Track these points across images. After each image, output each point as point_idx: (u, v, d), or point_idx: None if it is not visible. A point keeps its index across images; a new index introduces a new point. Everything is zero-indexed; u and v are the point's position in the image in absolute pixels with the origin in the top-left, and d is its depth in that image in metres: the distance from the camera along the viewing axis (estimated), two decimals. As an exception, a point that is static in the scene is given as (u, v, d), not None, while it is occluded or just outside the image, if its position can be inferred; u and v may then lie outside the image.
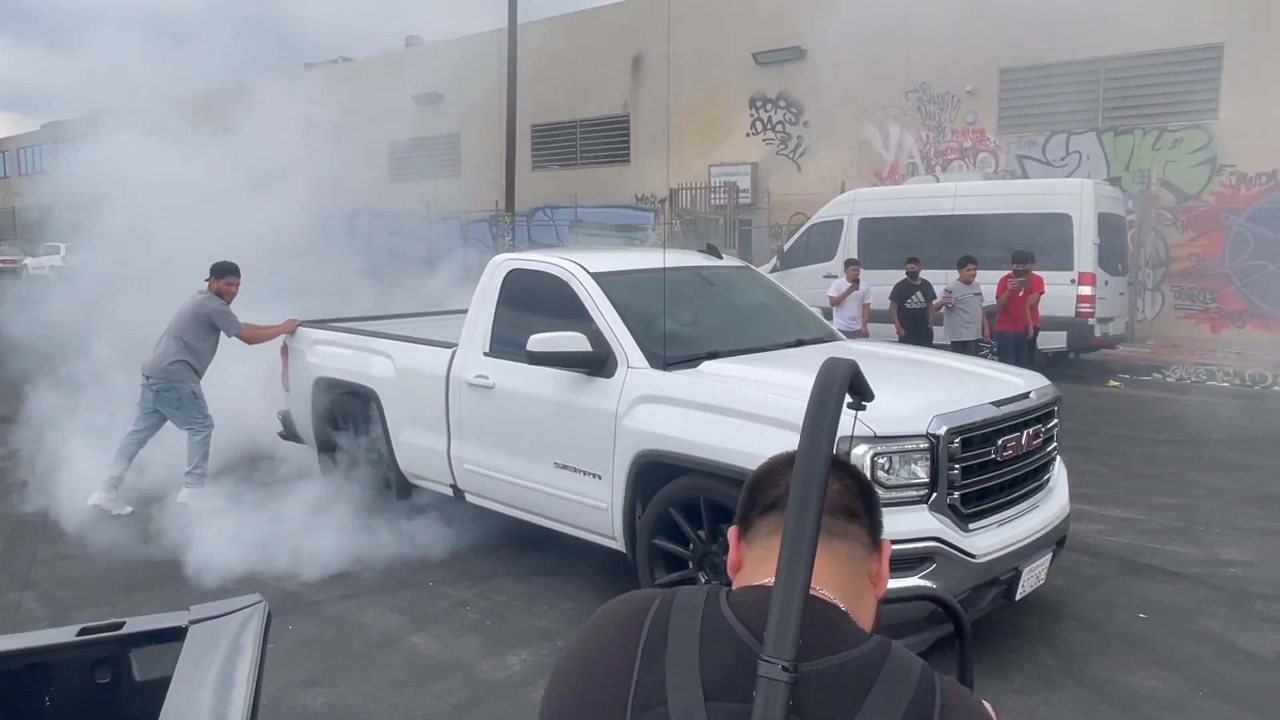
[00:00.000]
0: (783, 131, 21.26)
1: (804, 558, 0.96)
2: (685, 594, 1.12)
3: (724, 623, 1.05)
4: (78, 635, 1.75)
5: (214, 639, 1.67)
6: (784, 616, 0.94)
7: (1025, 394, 4.60)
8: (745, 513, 1.23)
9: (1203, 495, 7.26)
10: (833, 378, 1.09)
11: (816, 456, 1.02)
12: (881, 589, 1.21)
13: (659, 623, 1.07)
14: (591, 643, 1.13)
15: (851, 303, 11.57)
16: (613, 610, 1.16)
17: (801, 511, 0.99)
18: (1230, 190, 15.77)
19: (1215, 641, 4.71)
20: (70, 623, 4.79)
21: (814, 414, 1.06)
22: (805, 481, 1.00)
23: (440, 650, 4.61)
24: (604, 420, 4.83)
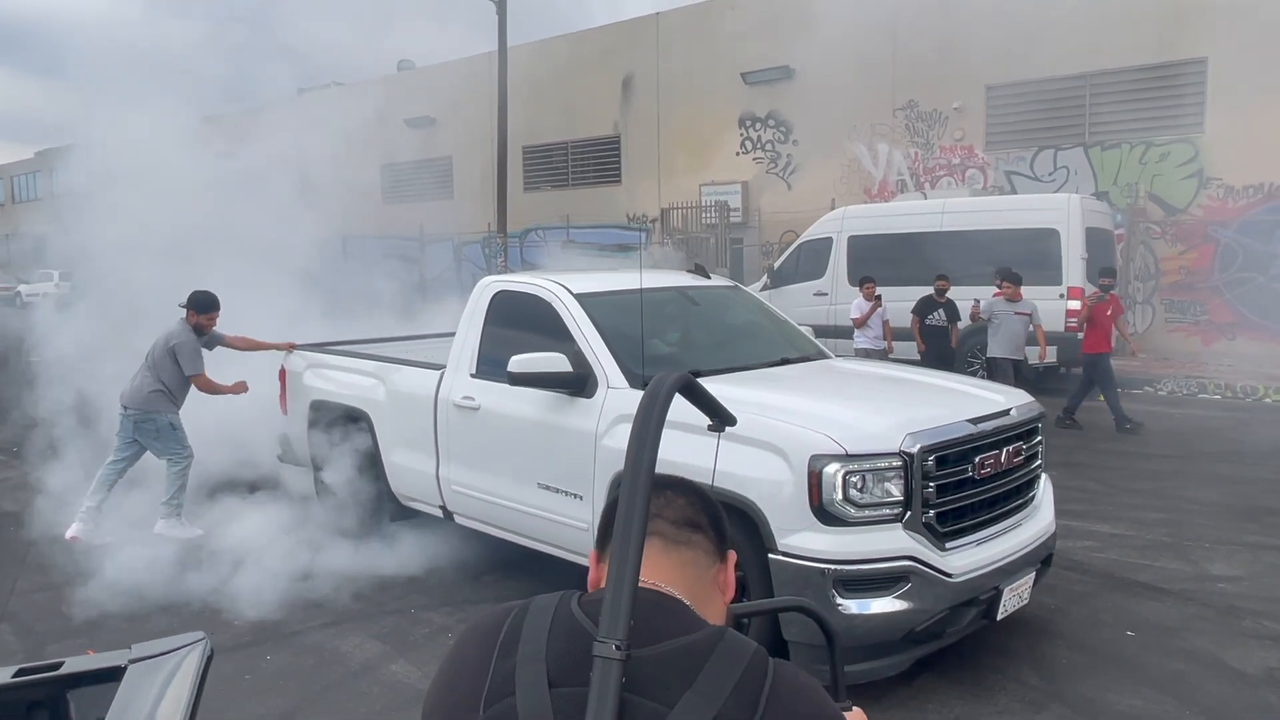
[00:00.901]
0: (772, 150, 21.34)
1: (633, 546, 1.03)
2: (539, 599, 1.20)
3: (571, 617, 1.13)
4: (14, 676, 1.71)
5: (149, 678, 1.63)
6: (615, 600, 1.00)
7: (1005, 411, 4.56)
8: (602, 535, 1.30)
9: (1193, 510, 7.23)
10: (658, 390, 1.16)
11: (641, 460, 1.10)
12: (729, 596, 1.31)
13: (515, 625, 1.16)
14: (457, 650, 1.22)
15: (875, 321, 11.33)
16: (477, 621, 1.25)
17: (629, 509, 1.06)
18: (1218, 203, 15.83)
19: (1203, 659, 4.66)
20: (44, 656, 4.75)
21: (639, 424, 1.13)
22: (632, 482, 1.08)
23: (420, 679, 4.55)
24: (584, 440, 4.80)
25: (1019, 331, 10.19)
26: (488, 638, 1.17)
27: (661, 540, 1.25)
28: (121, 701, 1.57)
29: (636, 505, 1.07)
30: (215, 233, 10.46)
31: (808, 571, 3.92)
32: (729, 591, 1.31)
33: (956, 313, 11.17)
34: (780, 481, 4.01)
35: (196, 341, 6.76)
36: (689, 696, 1.04)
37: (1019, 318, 10.24)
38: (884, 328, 11.34)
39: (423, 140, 26.98)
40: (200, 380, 6.72)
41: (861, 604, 3.91)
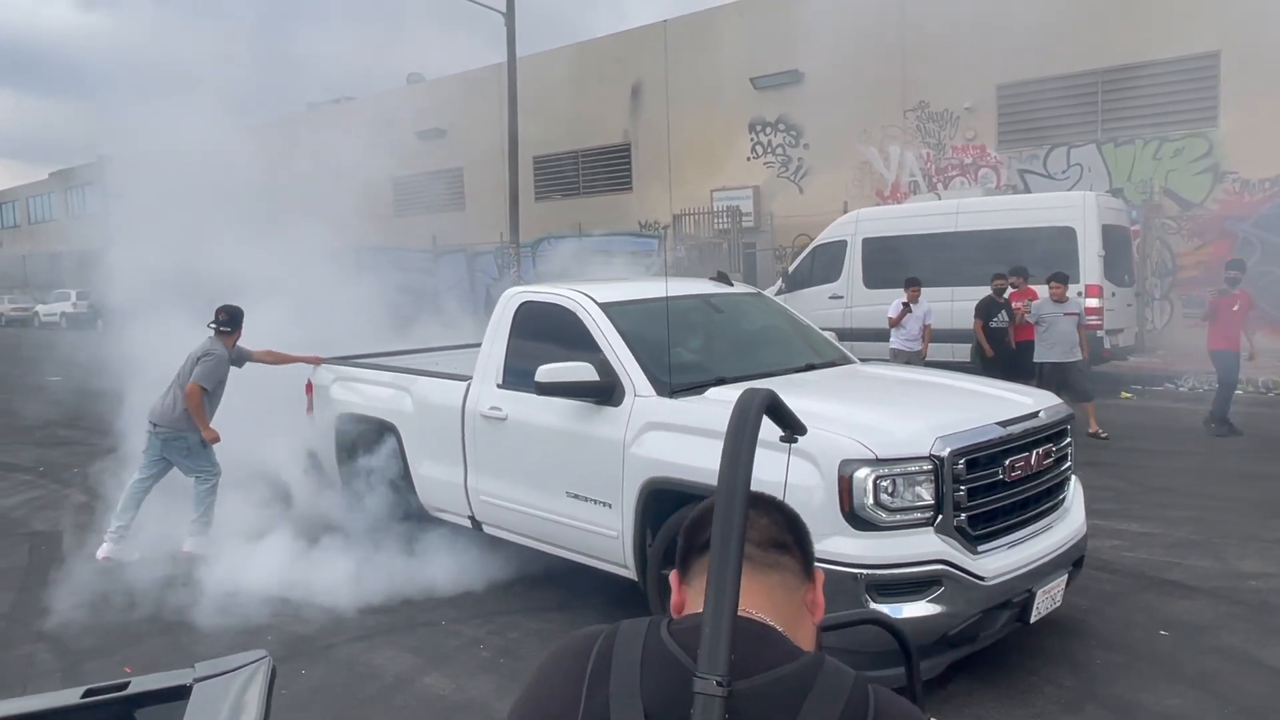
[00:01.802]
0: (783, 154, 21.36)
1: (730, 575, 1.00)
2: (627, 625, 1.16)
3: (663, 648, 1.09)
4: (83, 697, 1.73)
5: (218, 698, 1.66)
6: (714, 634, 0.97)
7: (1034, 413, 4.56)
8: (684, 555, 1.28)
9: (1219, 507, 7.19)
10: (748, 409, 1.14)
11: (736, 483, 1.06)
12: (819, 616, 1.26)
13: (603, 654, 1.12)
14: (542, 680, 1.18)
15: (911, 323, 11.24)
16: (561, 648, 1.20)
17: (725, 536, 1.03)
18: (1234, 197, 15.75)
19: (1238, 658, 4.64)
20: (82, 674, 4.80)
21: (731, 444, 1.10)
22: (726, 507, 1.05)
23: (454, 691, 4.58)
24: (613, 449, 4.83)
25: (1068, 333, 9.96)
26: (574, 667, 1.13)
27: (749, 564, 1.19)
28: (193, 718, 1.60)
29: (733, 532, 1.03)
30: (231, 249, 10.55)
31: (840, 577, 3.93)
32: (818, 612, 1.26)
33: (1013, 313, 11.05)
34: (811, 487, 4.02)
35: (226, 360, 6.81)
36: None
37: (1068, 319, 10.00)
38: (924, 331, 11.24)
39: (433, 152, 27.12)
40: (193, 390, 6.58)
41: (894, 608, 3.91)
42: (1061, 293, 10.02)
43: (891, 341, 11.27)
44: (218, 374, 6.76)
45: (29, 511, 8.20)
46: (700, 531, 1.25)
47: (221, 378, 6.83)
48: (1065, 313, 9.98)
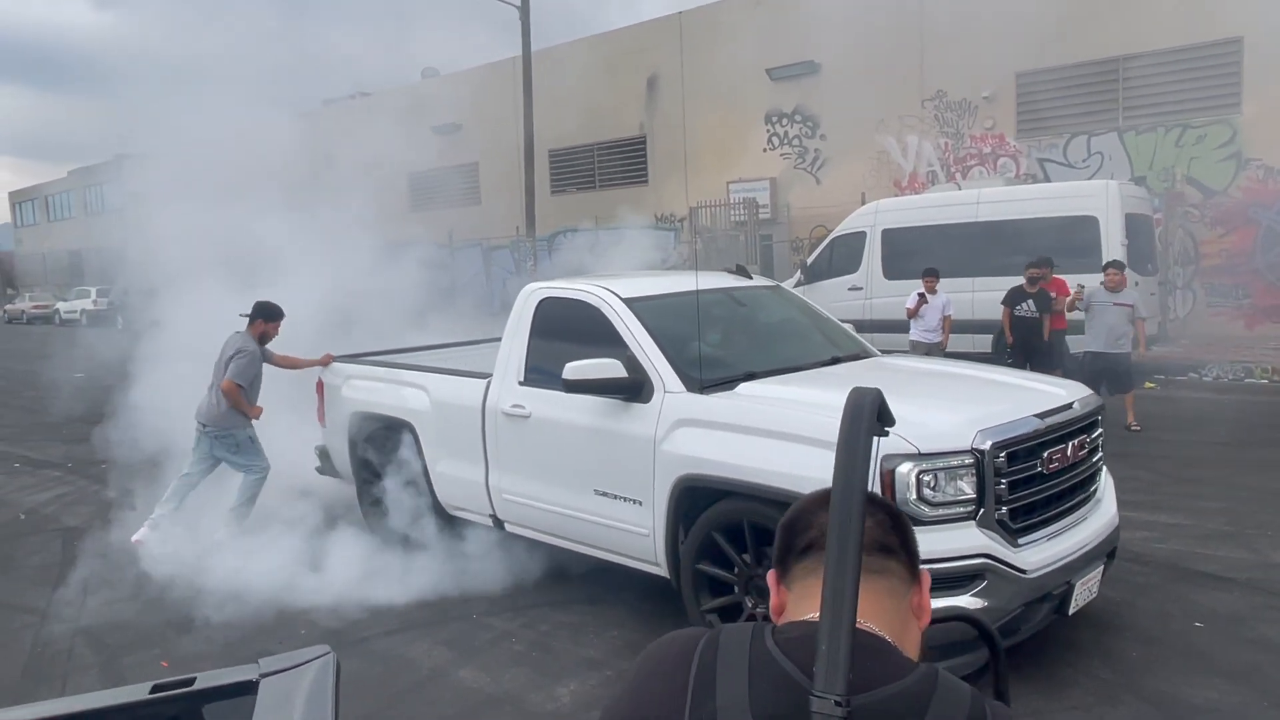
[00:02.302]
0: (800, 145, 21.28)
1: (848, 588, 0.97)
2: (730, 632, 1.12)
3: (771, 660, 1.05)
4: (151, 693, 1.75)
5: (288, 693, 1.68)
6: (833, 650, 0.94)
7: (1068, 405, 4.54)
8: (782, 555, 1.23)
9: (1250, 497, 7.14)
10: (860, 409, 1.10)
11: (852, 487, 1.02)
12: (925, 620, 1.21)
13: (706, 663, 1.08)
14: (640, 687, 1.13)
15: (930, 313, 11.13)
16: (658, 653, 1.15)
17: (842, 543, 0.99)
18: (1258, 184, 15.60)
19: (1275, 649, 4.61)
20: (119, 670, 4.85)
21: (845, 446, 1.06)
22: (843, 513, 1.01)
23: (489, 683, 4.60)
24: (643, 446, 4.82)
25: (1116, 324, 9.59)
26: (674, 675, 1.08)
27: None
28: (263, 715, 1.61)
29: (850, 542, 0.99)
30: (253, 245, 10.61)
31: (877, 570, 3.92)
32: (924, 617, 1.21)
33: (1049, 303, 10.86)
34: (848, 481, 4.01)
35: (259, 353, 6.86)
36: None
37: (1119, 309, 9.62)
38: (944, 322, 11.16)
39: (449, 147, 27.15)
40: (230, 389, 6.68)
41: (938, 603, 3.90)
42: (1116, 281, 9.67)
43: (911, 333, 11.21)
44: (251, 370, 6.83)
45: (60, 508, 8.28)
46: (799, 533, 1.21)
47: (256, 373, 6.90)
48: (1116, 302, 9.62)
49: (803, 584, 1.18)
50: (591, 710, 4.28)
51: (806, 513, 1.22)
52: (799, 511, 1.24)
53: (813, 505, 1.23)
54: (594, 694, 4.44)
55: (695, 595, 4.68)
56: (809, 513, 1.22)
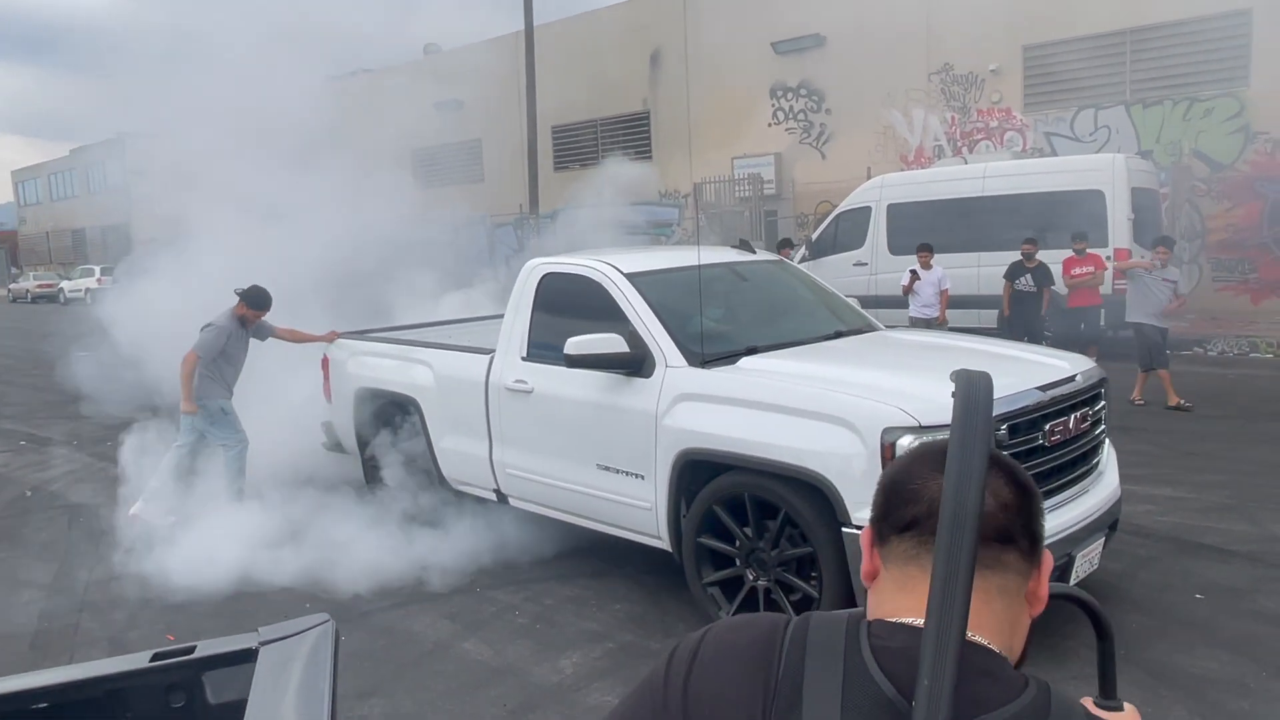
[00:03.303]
0: (805, 120, 21.14)
1: (956, 619, 0.87)
2: (819, 631, 0.98)
3: (868, 677, 0.93)
4: (151, 661, 1.77)
5: (287, 659, 1.69)
6: (936, 687, 0.85)
7: (1071, 377, 4.53)
8: (879, 518, 1.07)
9: (1252, 470, 7.13)
10: (975, 399, 0.95)
11: (967, 498, 0.89)
12: (1038, 609, 1.06)
13: (792, 666, 0.95)
14: (708, 681, 0.99)
15: (925, 289, 11.22)
16: (729, 637, 1.02)
17: (951, 564, 0.88)
18: (1266, 158, 15.48)
19: (1275, 621, 4.62)
20: (126, 643, 4.89)
21: (960, 444, 0.92)
22: (954, 528, 0.89)
23: (492, 656, 4.64)
24: (644, 420, 4.83)
25: (1163, 299, 9.58)
26: (751, 681, 0.96)
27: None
28: (262, 681, 1.63)
29: (961, 563, 0.87)
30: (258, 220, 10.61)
31: (878, 543, 3.93)
32: (1039, 606, 1.05)
33: (1049, 276, 11.04)
34: (852, 455, 4.02)
35: (228, 330, 6.82)
36: None
37: (1167, 285, 9.58)
38: (941, 296, 11.21)
39: (452, 123, 27.01)
40: (187, 357, 6.70)
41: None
42: (1166, 258, 9.61)
43: (909, 309, 11.25)
44: (216, 344, 6.78)
45: (66, 485, 8.33)
46: (903, 502, 1.04)
47: (222, 348, 6.83)
48: (1164, 279, 9.59)
49: (901, 569, 1.03)
50: (595, 681, 4.32)
51: (915, 477, 1.04)
52: (906, 473, 1.06)
53: (923, 468, 1.04)
54: (597, 666, 4.47)
55: (697, 568, 4.70)
56: (918, 478, 1.04)
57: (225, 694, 1.76)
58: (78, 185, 48.14)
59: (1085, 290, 11.28)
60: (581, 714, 4.05)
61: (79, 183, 47.84)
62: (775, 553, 4.41)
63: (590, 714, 4.04)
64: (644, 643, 4.70)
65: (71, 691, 1.72)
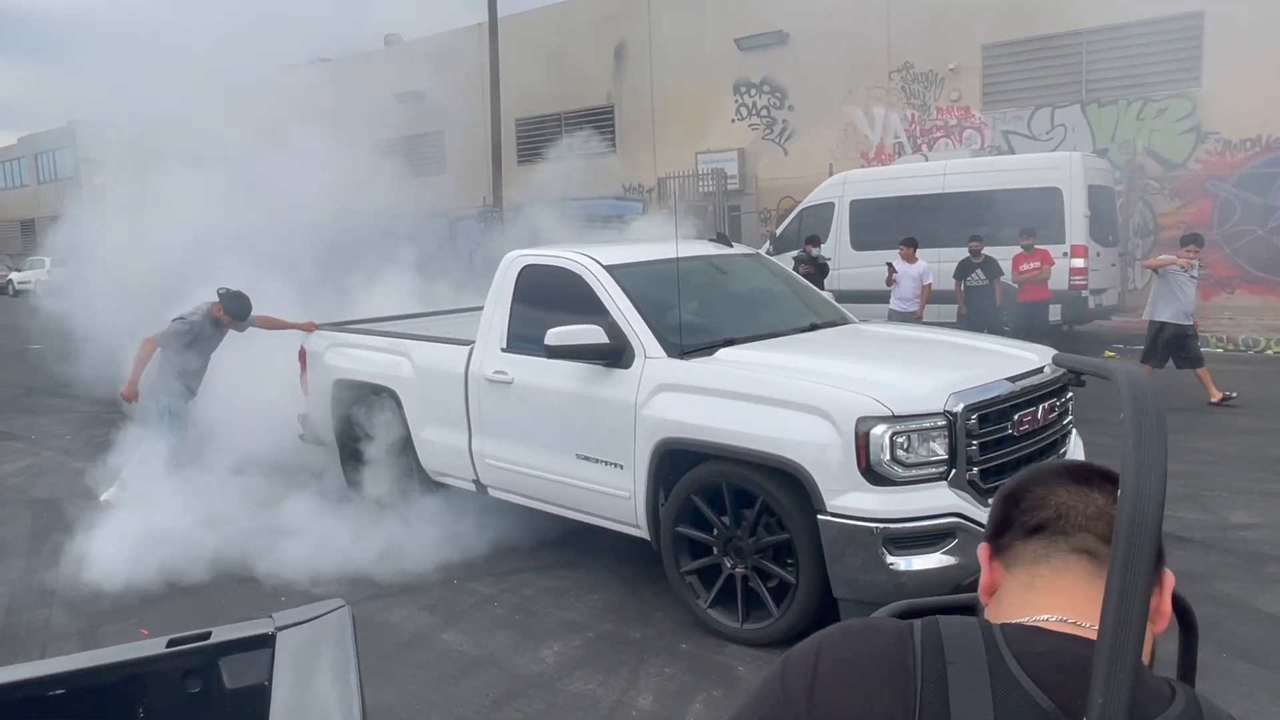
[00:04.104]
0: (768, 116, 21.28)
1: (1133, 633, 0.82)
2: (955, 639, 0.94)
3: (1017, 686, 0.89)
4: (167, 647, 1.78)
5: (309, 643, 1.71)
6: (1113, 705, 0.81)
7: (1039, 369, 4.66)
8: (1000, 529, 1.07)
9: (1207, 460, 7.36)
10: (1144, 398, 0.90)
11: (1147, 505, 0.85)
12: (1161, 626, 1.03)
13: (933, 681, 0.91)
14: (838, 696, 0.94)
15: (905, 282, 11.42)
16: (855, 654, 0.98)
17: (1128, 573, 0.83)
18: (1216, 157, 15.89)
19: (1233, 604, 4.80)
20: (99, 637, 4.84)
21: (1137, 446, 0.87)
22: (1133, 538, 0.84)
23: (473, 646, 4.66)
24: (624, 410, 4.88)
25: (1191, 298, 9.57)
26: (890, 688, 0.92)
27: (1092, 562, 0.99)
28: (285, 665, 1.65)
29: (1140, 570, 0.83)
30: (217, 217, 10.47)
31: (857, 531, 4.03)
32: (1162, 622, 1.03)
33: (997, 269, 11.35)
34: (827, 444, 4.10)
35: (198, 329, 6.76)
36: None
37: (1193, 282, 9.61)
38: (923, 290, 11.44)
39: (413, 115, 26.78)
40: (144, 342, 6.67)
41: (910, 561, 4.02)
42: (1195, 255, 9.59)
43: (890, 303, 11.49)
44: (181, 339, 6.73)
45: (26, 479, 8.17)
46: (1029, 509, 1.04)
47: (189, 343, 6.77)
48: (1191, 275, 9.58)
49: (1030, 571, 1.02)
50: (577, 670, 4.36)
51: (1039, 485, 1.05)
52: (1029, 483, 1.07)
53: (1047, 478, 1.06)
54: (578, 655, 4.52)
55: (675, 557, 4.76)
56: (1043, 485, 1.05)
57: (242, 679, 1.78)
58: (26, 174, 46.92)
59: (1033, 285, 11.55)
60: (564, 702, 4.10)
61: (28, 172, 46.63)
62: (752, 540, 4.48)
63: (574, 701, 4.09)
64: (624, 631, 4.76)
65: (88, 678, 1.73)
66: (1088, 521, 1.00)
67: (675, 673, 4.31)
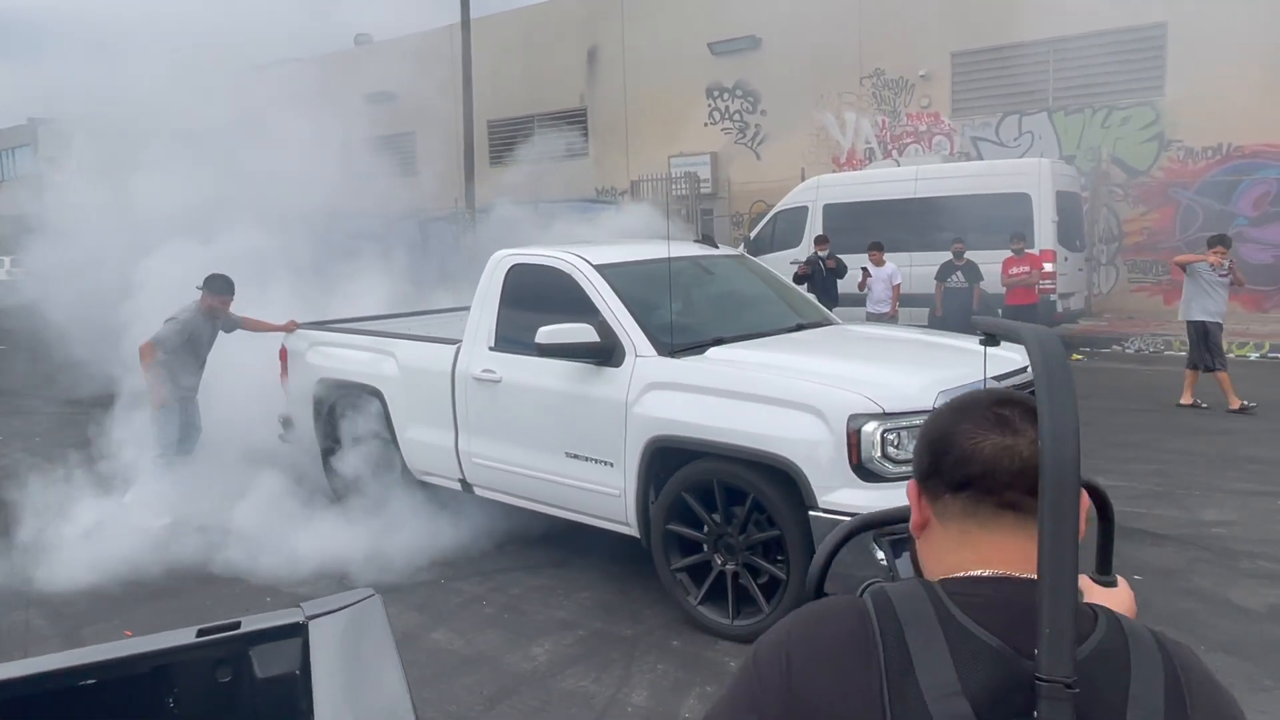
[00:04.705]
0: (740, 120, 21.41)
1: (1068, 572, 0.91)
2: (904, 602, 1.00)
3: (969, 634, 0.97)
4: (197, 636, 1.78)
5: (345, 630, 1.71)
6: (1058, 633, 0.90)
7: (1022, 368, 4.74)
8: (928, 474, 1.11)
9: (1178, 460, 7.53)
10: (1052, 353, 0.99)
11: (1065, 455, 0.93)
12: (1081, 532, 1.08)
13: (894, 643, 0.97)
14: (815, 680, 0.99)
15: (877, 285, 11.64)
16: (824, 637, 1.02)
17: (1058, 511, 0.92)
18: (1178, 165, 16.24)
19: (1209, 599, 4.92)
20: (81, 639, 4.77)
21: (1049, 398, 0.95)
22: (1058, 487, 0.93)
23: (464, 645, 4.65)
24: (614, 409, 4.90)
25: (1224, 298, 9.44)
26: (856, 660, 0.98)
27: (1018, 516, 1.04)
28: (322, 653, 1.65)
29: (1067, 514, 0.92)
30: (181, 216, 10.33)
31: (849, 526, 4.07)
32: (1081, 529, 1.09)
33: (978, 273, 11.57)
34: (819, 441, 4.15)
35: (191, 326, 6.67)
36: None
37: (1223, 282, 9.40)
38: (893, 291, 11.67)
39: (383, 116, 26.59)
40: (145, 348, 6.56)
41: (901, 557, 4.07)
42: (1225, 255, 9.37)
43: (866, 306, 11.65)
44: (176, 339, 6.64)
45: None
46: (958, 463, 1.07)
47: (184, 342, 6.68)
48: (1220, 275, 9.39)
49: (961, 527, 1.08)
50: (569, 668, 4.37)
51: (965, 437, 1.07)
52: (954, 431, 1.08)
53: (972, 426, 1.07)
54: (569, 652, 4.53)
55: (665, 555, 4.79)
56: (968, 437, 1.07)
57: (273, 668, 1.78)
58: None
59: (1021, 289, 11.78)
60: (558, 699, 4.10)
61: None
62: (743, 537, 4.52)
63: (568, 698, 4.10)
64: (614, 629, 4.77)
65: (117, 668, 1.72)
66: (1013, 479, 1.03)
67: (668, 669, 4.33)
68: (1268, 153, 15.47)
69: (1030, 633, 0.92)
